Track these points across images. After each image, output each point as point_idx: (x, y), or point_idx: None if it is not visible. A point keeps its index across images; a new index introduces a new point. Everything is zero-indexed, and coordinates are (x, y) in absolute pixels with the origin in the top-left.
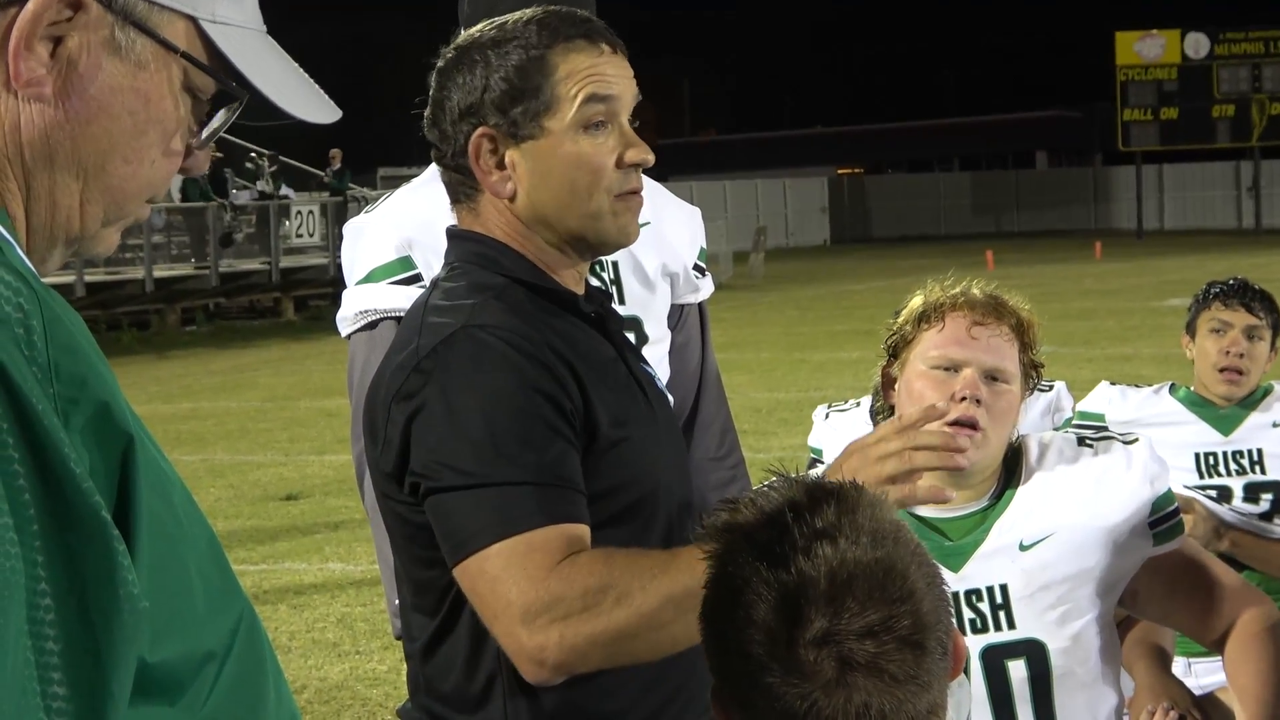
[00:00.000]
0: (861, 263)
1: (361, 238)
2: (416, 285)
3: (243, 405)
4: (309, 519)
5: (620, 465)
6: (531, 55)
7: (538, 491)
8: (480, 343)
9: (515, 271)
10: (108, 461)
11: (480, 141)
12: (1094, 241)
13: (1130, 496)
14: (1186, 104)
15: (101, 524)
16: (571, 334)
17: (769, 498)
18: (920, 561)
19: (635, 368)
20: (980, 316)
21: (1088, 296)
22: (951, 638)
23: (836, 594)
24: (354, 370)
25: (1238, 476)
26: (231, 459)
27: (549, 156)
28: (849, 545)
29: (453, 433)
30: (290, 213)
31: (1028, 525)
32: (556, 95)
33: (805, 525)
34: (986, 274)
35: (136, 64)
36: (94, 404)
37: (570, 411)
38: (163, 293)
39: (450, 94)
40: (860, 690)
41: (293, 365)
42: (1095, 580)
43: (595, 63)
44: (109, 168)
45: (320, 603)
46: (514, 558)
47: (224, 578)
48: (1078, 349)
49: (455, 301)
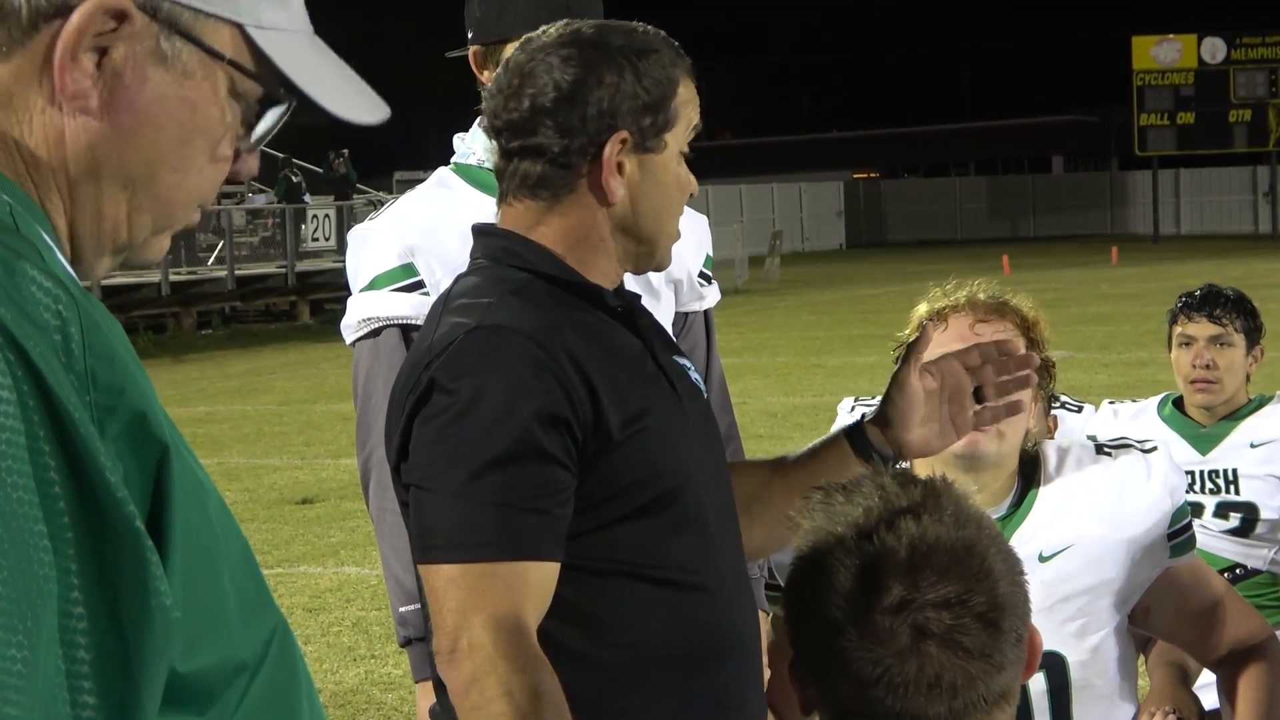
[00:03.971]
0: (877, 267)
1: (365, 245)
2: (419, 292)
3: (258, 409)
4: (324, 523)
5: (641, 459)
6: (668, 73)
7: (513, 516)
8: (489, 345)
9: (539, 266)
10: (143, 470)
11: (616, 144)
12: (1110, 246)
13: (1151, 507)
14: (1203, 109)
15: (135, 534)
16: (593, 327)
17: (859, 482)
18: (1002, 550)
19: (664, 361)
20: (983, 314)
21: (1104, 301)
22: (1028, 629)
23: (916, 565)
24: (358, 377)
25: (1211, 495)
26: (247, 462)
27: (662, 171)
28: (932, 522)
29: (446, 434)
30: (306, 216)
31: (1047, 535)
32: (678, 115)
33: (891, 504)
34: (1003, 278)
35: (183, 73)
36: (130, 412)
37: (573, 423)
38: (179, 296)
39: (590, 90)
40: (933, 660)
41: (308, 369)
42: (1114, 592)
43: (694, 93)
44: (157, 177)
45: (335, 606)
46: (467, 583)
47: (258, 589)
48: (1094, 354)
49: (472, 300)
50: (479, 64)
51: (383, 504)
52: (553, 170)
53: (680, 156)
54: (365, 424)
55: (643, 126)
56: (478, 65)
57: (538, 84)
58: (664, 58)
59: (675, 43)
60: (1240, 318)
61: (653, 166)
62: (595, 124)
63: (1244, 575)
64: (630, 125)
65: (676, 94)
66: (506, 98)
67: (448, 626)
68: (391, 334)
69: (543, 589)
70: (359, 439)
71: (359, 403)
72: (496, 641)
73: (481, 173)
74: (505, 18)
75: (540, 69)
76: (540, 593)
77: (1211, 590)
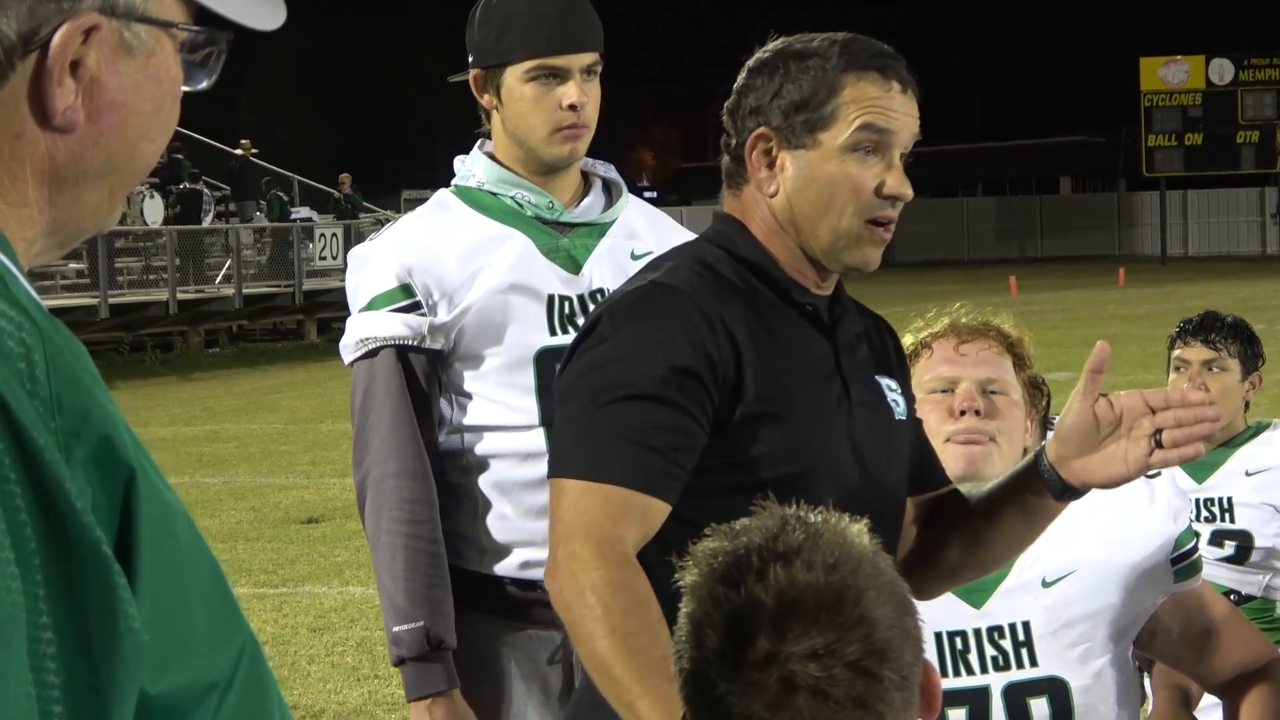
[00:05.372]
0: (885, 288)
1: (364, 265)
2: (417, 313)
3: (265, 427)
4: (330, 542)
5: (772, 437)
6: (826, 72)
7: (636, 451)
8: (653, 298)
9: (742, 250)
10: (110, 494)
11: (757, 140)
12: (1118, 267)
13: (1153, 532)
14: (1211, 129)
15: (103, 558)
16: (771, 316)
17: (747, 524)
18: (884, 591)
19: (850, 369)
20: (966, 335)
21: (1111, 322)
22: (920, 674)
23: (783, 616)
24: (355, 398)
25: (1206, 524)
26: (253, 481)
27: (816, 167)
28: (803, 569)
29: (596, 365)
30: (314, 234)
31: (1050, 560)
32: (837, 115)
33: (767, 550)
34: (1010, 299)
35: (147, 54)
36: (96, 437)
37: (711, 385)
38: (186, 314)
39: (749, 92)
40: (802, 714)
41: (315, 387)
42: (1117, 617)
43: (881, 95)
44: (137, 153)
45: (340, 626)
46: (582, 498)
47: (227, 607)
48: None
49: (667, 264)
50: (479, 87)
51: (378, 523)
52: (730, 165)
53: (853, 153)
54: (362, 443)
55: (792, 123)
56: (478, 89)
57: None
58: (826, 60)
59: (871, 49)
60: (1236, 343)
61: (807, 161)
62: (746, 121)
63: (1238, 602)
64: (776, 121)
65: (839, 94)
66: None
67: (557, 535)
68: (388, 354)
69: (647, 523)
70: (355, 458)
71: (356, 422)
72: (597, 556)
73: (482, 195)
74: (505, 41)
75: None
76: (644, 526)
77: (1216, 615)
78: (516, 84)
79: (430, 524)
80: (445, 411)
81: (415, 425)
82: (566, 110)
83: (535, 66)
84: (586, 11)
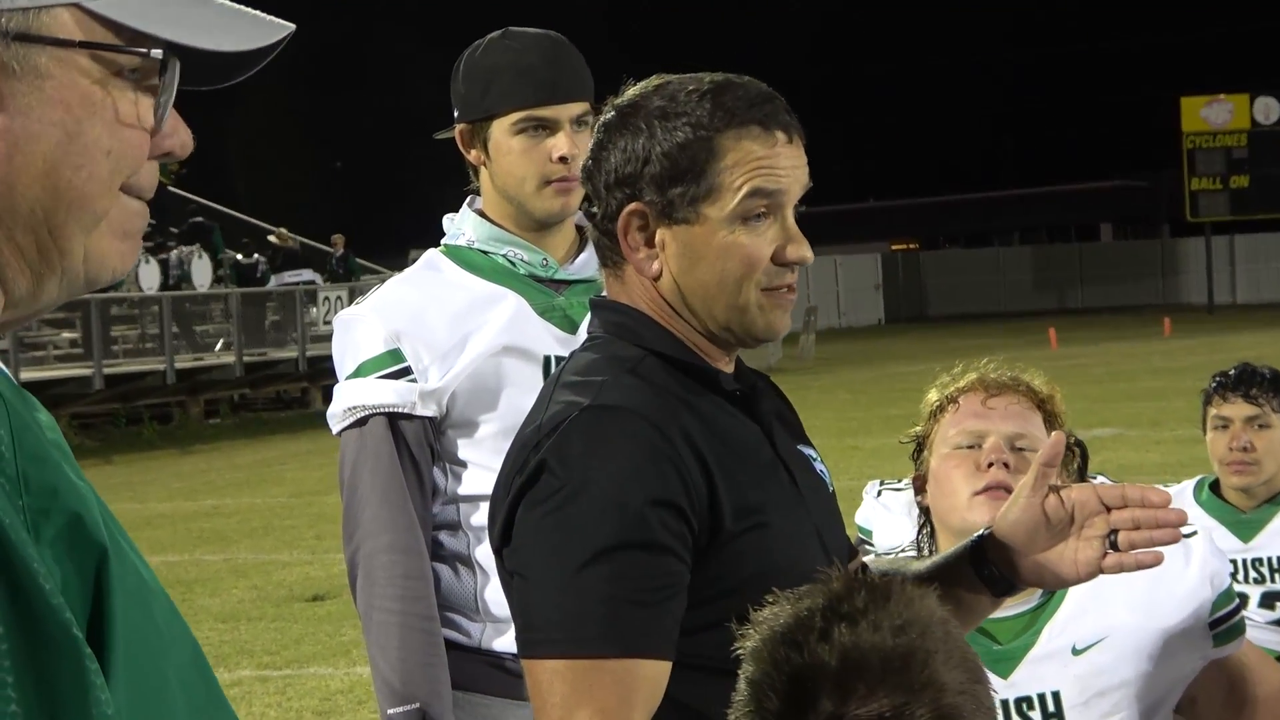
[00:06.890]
0: (917, 343)
1: (350, 331)
2: (406, 379)
3: (268, 501)
4: (336, 620)
5: (758, 554)
6: (699, 135)
7: (622, 610)
8: (601, 426)
9: (656, 344)
10: (81, 574)
11: (630, 218)
12: (1163, 317)
13: (1189, 596)
14: (1258, 171)
15: (73, 642)
16: (710, 414)
17: (809, 590)
18: (954, 655)
19: (785, 450)
20: (994, 390)
21: (1156, 375)
22: None
23: (847, 677)
24: (344, 469)
25: (1255, 585)
26: (255, 558)
27: (702, 243)
28: (869, 630)
29: (553, 520)
30: (318, 299)
31: (1080, 627)
32: (719, 183)
33: (831, 610)
34: (1050, 353)
35: (38, 76)
36: (66, 515)
37: (688, 510)
38: (185, 384)
39: (609, 156)
40: None
41: (320, 458)
42: (1153, 686)
43: (766, 154)
44: (60, 184)
45: (347, 709)
46: (573, 678)
47: (209, 690)
48: (1145, 430)
49: (586, 377)
50: (466, 143)
51: (370, 601)
52: (601, 240)
53: (744, 223)
54: (351, 517)
55: (669, 197)
56: (465, 144)
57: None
58: (698, 119)
59: (746, 96)
60: (1278, 396)
61: (690, 238)
62: (613, 192)
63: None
64: (649, 195)
65: (719, 159)
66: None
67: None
68: (378, 423)
69: (653, 688)
70: (345, 532)
71: (345, 495)
72: None
73: (472, 254)
74: (490, 94)
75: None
76: (650, 692)
77: (1263, 681)
78: (504, 137)
79: (425, 600)
80: (439, 481)
81: (407, 496)
82: (557, 163)
83: (523, 118)
84: (575, 60)
